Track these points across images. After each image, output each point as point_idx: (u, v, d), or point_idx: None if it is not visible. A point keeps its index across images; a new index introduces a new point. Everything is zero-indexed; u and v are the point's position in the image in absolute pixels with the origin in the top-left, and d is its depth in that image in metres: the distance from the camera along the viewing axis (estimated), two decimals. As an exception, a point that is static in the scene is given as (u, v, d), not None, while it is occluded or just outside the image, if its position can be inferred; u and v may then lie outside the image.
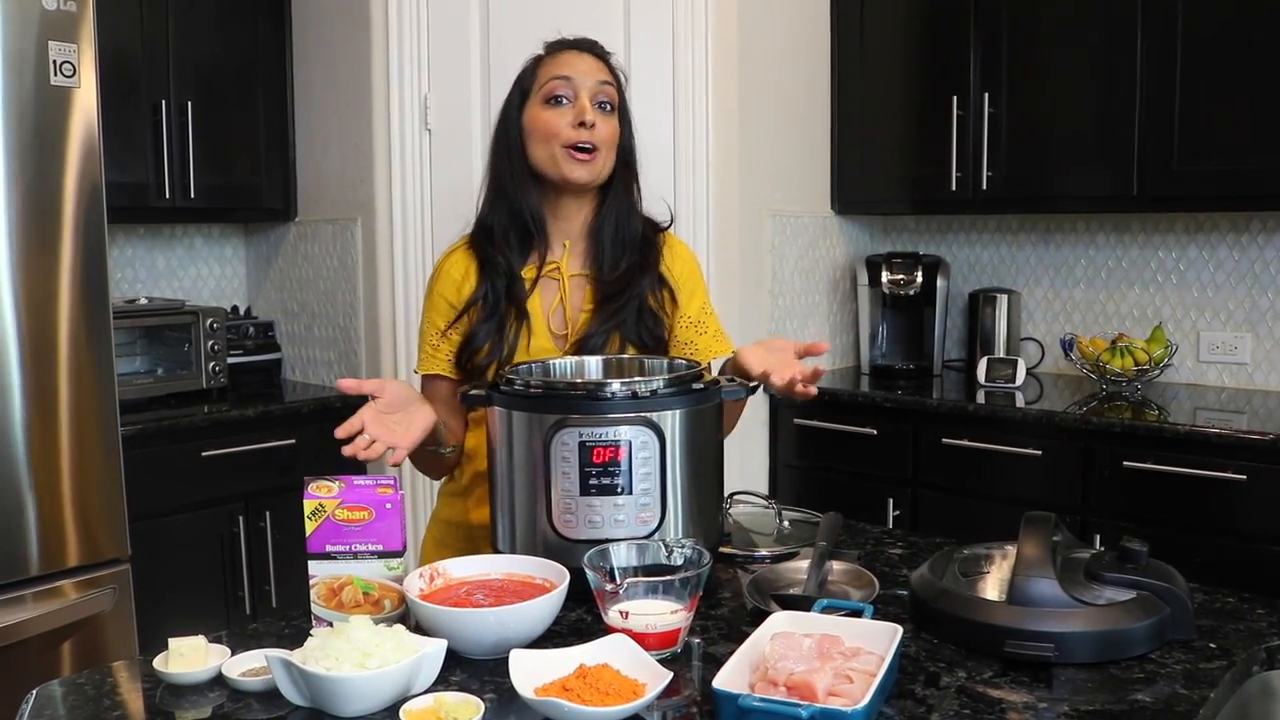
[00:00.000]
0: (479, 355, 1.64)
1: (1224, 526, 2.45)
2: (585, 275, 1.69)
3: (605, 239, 1.68)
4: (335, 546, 1.26)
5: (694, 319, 1.73)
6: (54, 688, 1.15)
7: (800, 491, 3.16)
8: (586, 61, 1.66)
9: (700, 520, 1.38)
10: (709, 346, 1.72)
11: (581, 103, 1.63)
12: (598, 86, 1.64)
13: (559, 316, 1.68)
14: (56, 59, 2.26)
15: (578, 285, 1.69)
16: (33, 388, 2.26)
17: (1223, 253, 3.01)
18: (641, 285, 1.66)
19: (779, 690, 1.00)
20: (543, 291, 1.68)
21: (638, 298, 1.65)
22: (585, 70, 1.65)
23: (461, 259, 1.71)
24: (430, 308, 1.71)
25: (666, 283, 1.70)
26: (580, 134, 1.62)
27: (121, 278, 3.38)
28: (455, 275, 1.69)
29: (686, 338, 1.72)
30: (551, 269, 1.68)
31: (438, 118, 2.99)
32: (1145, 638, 1.16)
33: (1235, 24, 2.63)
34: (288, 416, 3.08)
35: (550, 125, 1.63)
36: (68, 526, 2.33)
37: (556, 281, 1.69)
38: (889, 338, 3.37)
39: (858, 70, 3.32)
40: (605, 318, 1.64)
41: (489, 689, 1.10)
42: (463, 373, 1.68)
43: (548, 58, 1.68)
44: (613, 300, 1.65)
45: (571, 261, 1.69)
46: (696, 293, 1.74)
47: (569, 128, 1.62)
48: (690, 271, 1.75)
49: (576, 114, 1.62)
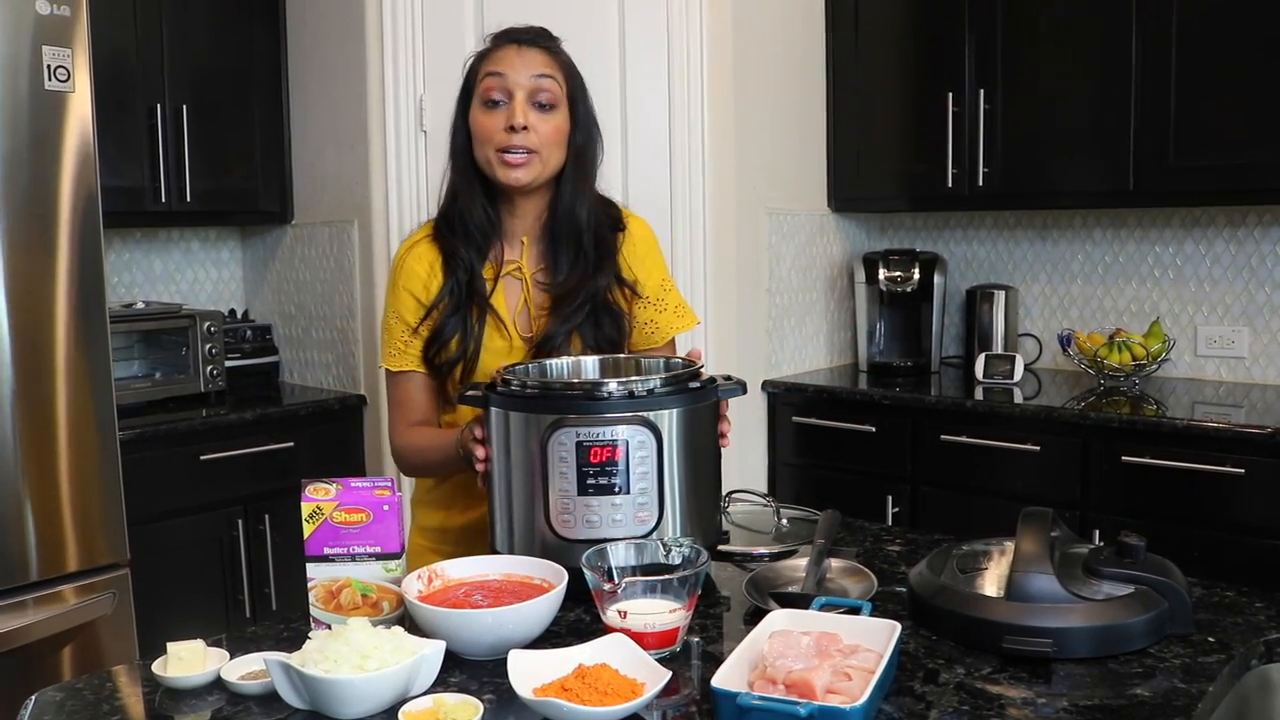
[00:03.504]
0: (447, 350, 1.62)
1: (1222, 520, 2.45)
2: (543, 269, 1.66)
3: (560, 236, 1.64)
4: (333, 549, 1.26)
5: (653, 298, 1.70)
6: (53, 693, 1.15)
7: (799, 489, 3.17)
8: (526, 56, 1.59)
9: (698, 519, 1.38)
10: (669, 324, 1.71)
11: (513, 105, 1.57)
12: (534, 83, 1.58)
13: (524, 317, 1.66)
14: (51, 64, 2.26)
15: (540, 284, 1.66)
16: (30, 393, 2.26)
17: (1219, 247, 3.01)
18: (597, 286, 1.63)
19: (778, 688, 1.00)
20: (506, 291, 1.66)
21: (593, 298, 1.62)
22: (522, 66, 1.58)
23: (426, 252, 1.67)
24: (397, 302, 1.67)
25: (626, 281, 1.67)
26: (511, 138, 1.56)
27: (118, 282, 3.38)
28: (420, 271, 1.66)
29: (646, 318, 1.69)
30: (512, 268, 1.66)
31: (433, 119, 2.99)
32: (1144, 632, 1.17)
33: (1230, 18, 2.63)
34: (286, 419, 3.08)
35: (484, 129, 1.58)
36: (66, 532, 2.32)
37: (520, 281, 1.66)
38: (886, 335, 3.37)
39: (853, 67, 3.32)
40: (562, 320, 1.61)
41: (488, 690, 1.10)
42: (430, 368, 1.65)
43: (487, 54, 1.62)
44: (567, 302, 1.62)
45: (530, 260, 1.66)
46: (654, 271, 1.71)
47: (500, 131, 1.57)
48: (648, 250, 1.71)
49: (507, 117, 1.57)
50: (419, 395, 1.67)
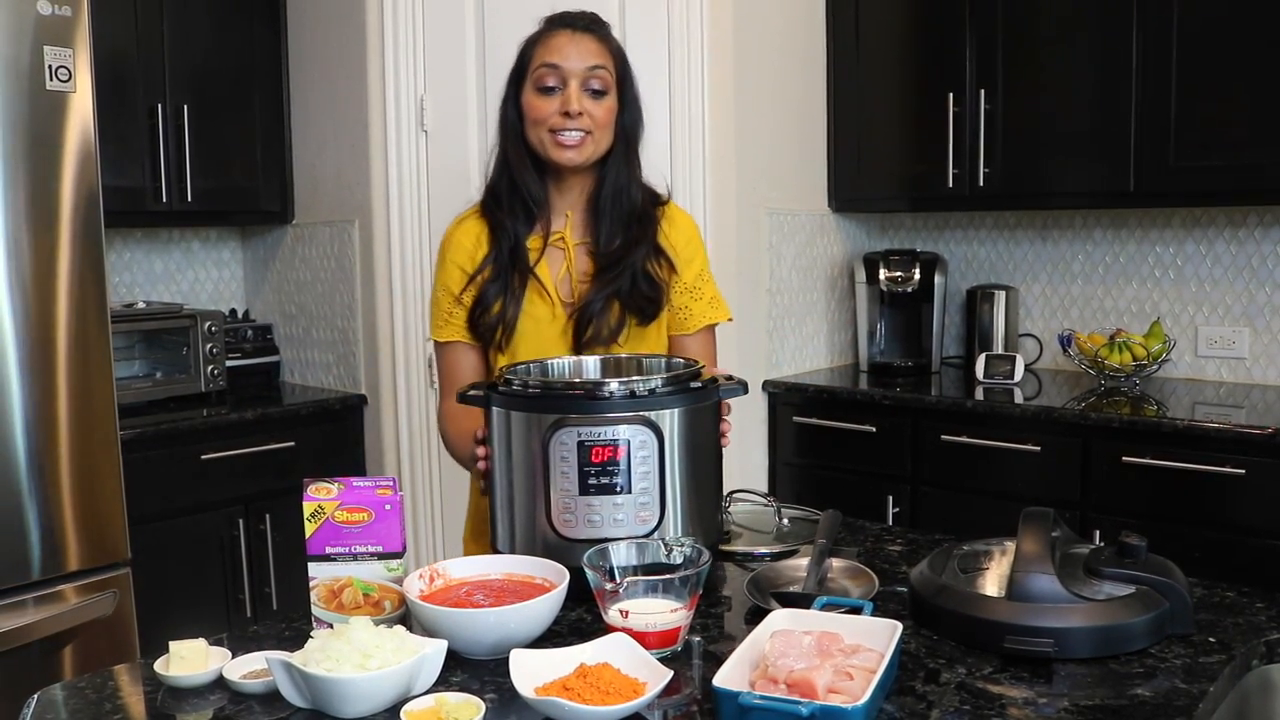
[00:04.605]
0: (489, 313, 1.68)
1: (1223, 521, 2.45)
2: (586, 245, 1.72)
3: (605, 211, 1.71)
4: (335, 548, 1.26)
5: (689, 285, 1.76)
6: (55, 692, 1.15)
7: (799, 489, 3.17)
8: (579, 44, 1.67)
9: (699, 519, 1.38)
10: (703, 312, 1.77)
11: (568, 92, 1.65)
12: (587, 72, 1.66)
13: (566, 285, 1.72)
14: (52, 64, 2.26)
15: (581, 255, 1.72)
16: (32, 393, 2.26)
17: (1220, 247, 3.02)
18: (637, 255, 1.69)
19: (779, 688, 1.00)
20: (550, 260, 1.72)
21: (632, 265, 1.69)
22: (576, 55, 1.66)
23: (473, 226, 1.74)
24: (444, 274, 1.74)
25: (664, 252, 1.73)
26: (566, 123, 1.64)
27: (119, 282, 3.38)
28: (467, 244, 1.73)
29: (681, 303, 1.76)
30: (556, 239, 1.72)
31: (434, 119, 2.99)
32: (1144, 632, 1.17)
33: (1231, 19, 2.63)
34: (287, 419, 3.08)
35: (539, 111, 1.66)
36: (68, 531, 2.32)
37: (562, 251, 1.72)
38: (887, 335, 3.37)
39: (854, 67, 3.32)
40: (602, 285, 1.68)
41: (489, 689, 1.10)
42: (476, 336, 1.71)
43: (541, 40, 1.70)
44: (609, 270, 1.69)
45: (574, 232, 1.73)
46: (694, 260, 1.77)
47: (556, 115, 1.65)
48: (689, 239, 1.78)
49: (562, 103, 1.64)
50: (465, 366, 1.73)
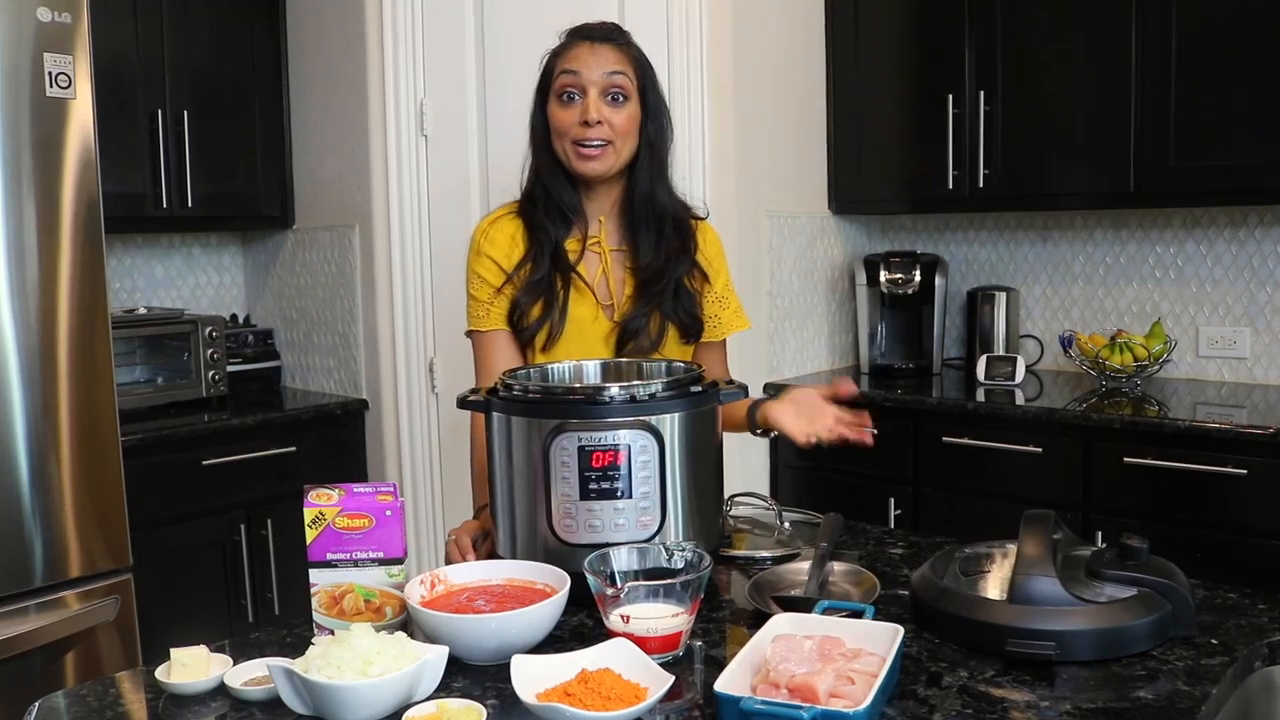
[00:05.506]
0: (528, 316, 1.69)
1: (1225, 522, 2.45)
2: (623, 252, 1.75)
3: (639, 220, 1.73)
4: (336, 554, 1.26)
5: (719, 294, 1.81)
6: (57, 699, 1.15)
7: (801, 492, 3.16)
8: (599, 54, 1.68)
9: (700, 523, 1.38)
10: (730, 321, 1.83)
11: (587, 100, 1.66)
12: (606, 80, 1.67)
13: (603, 288, 1.74)
14: (52, 71, 2.26)
15: (618, 259, 1.75)
16: (33, 398, 2.26)
17: (1220, 247, 3.01)
18: (680, 268, 1.73)
19: (781, 692, 1.00)
20: (586, 264, 1.74)
21: (675, 280, 1.72)
22: (595, 63, 1.67)
23: (508, 224, 1.76)
24: (480, 267, 1.74)
25: (699, 266, 1.78)
26: (586, 132, 1.66)
27: (120, 287, 3.38)
28: (502, 240, 1.74)
29: (712, 311, 1.80)
30: (593, 243, 1.75)
31: (434, 123, 2.99)
32: (1147, 635, 1.17)
33: (1230, 18, 2.63)
34: (288, 424, 3.09)
35: (561, 122, 1.69)
36: (70, 537, 2.33)
37: (599, 255, 1.74)
38: (888, 337, 3.37)
39: (853, 69, 3.32)
40: (647, 300, 1.71)
41: (491, 695, 1.10)
42: (515, 333, 1.72)
43: (562, 51, 1.72)
44: (654, 283, 1.72)
45: (609, 236, 1.75)
46: (722, 271, 1.84)
47: (576, 125, 1.66)
48: (717, 252, 1.84)
49: (582, 112, 1.66)
50: (503, 355, 1.72)
